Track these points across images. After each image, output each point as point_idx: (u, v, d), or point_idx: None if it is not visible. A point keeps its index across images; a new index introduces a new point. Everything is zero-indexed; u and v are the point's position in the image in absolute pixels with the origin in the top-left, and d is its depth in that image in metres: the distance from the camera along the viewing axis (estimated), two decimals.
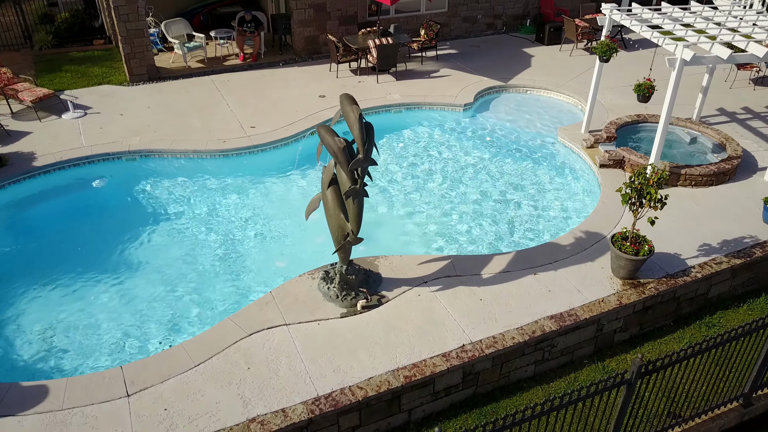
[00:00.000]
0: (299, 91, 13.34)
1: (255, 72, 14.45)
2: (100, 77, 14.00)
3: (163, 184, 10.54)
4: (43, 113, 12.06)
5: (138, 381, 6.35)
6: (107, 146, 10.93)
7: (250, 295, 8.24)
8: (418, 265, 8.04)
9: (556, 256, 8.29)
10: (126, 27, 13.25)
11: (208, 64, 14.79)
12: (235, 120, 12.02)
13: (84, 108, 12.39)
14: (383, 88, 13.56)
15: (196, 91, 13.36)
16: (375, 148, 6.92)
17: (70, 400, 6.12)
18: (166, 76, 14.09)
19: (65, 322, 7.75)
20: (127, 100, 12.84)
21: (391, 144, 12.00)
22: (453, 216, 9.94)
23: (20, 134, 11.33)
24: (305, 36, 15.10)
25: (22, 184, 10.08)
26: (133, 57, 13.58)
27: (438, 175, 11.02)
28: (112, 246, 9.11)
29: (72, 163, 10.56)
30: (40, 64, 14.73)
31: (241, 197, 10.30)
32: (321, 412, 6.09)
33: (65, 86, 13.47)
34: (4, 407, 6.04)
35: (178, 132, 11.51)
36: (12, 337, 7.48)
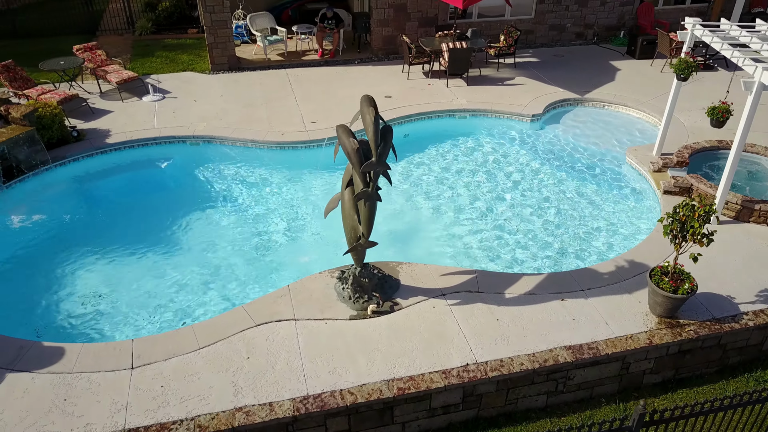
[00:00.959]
0: (367, 89, 13.39)
1: (329, 68, 14.68)
2: (186, 64, 14.78)
3: (220, 169, 10.95)
4: (126, 94, 12.91)
5: (144, 356, 6.63)
6: (175, 129, 11.52)
7: (279, 285, 8.35)
8: (440, 276, 7.82)
9: (590, 283, 7.77)
10: (211, 18, 13.89)
11: (287, 58, 15.20)
12: (298, 114, 12.27)
13: (164, 92, 13.14)
14: (451, 92, 13.33)
15: (270, 83, 13.78)
16: (393, 152, 6.79)
17: (81, 364, 6.50)
18: (245, 67, 14.64)
19: (105, 290, 8.24)
20: (204, 88, 13.47)
21: (448, 149, 11.77)
22: (496, 229, 9.59)
23: (103, 112, 12.19)
24: (383, 36, 15.14)
25: (94, 158, 10.83)
26: (215, 46, 14.22)
27: (490, 184, 10.67)
28: (163, 223, 9.55)
29: (141, 142, 11.22)
30: (137, 49, 15.79)
31: (291, 189, 10.50)
32: (307, 411, 6.07)
33: (153, 71, 14.34)
34: (23, 363, 6.52)
35: (242, 121, 11.92)
36: (54, 299, 8.05)
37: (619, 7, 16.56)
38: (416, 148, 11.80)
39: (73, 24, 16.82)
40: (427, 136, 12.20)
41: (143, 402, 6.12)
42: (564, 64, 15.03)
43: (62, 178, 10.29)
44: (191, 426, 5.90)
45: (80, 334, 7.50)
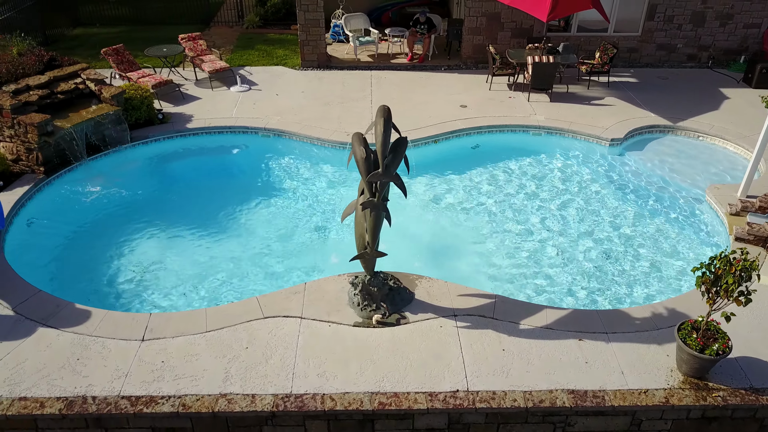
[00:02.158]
0: (445, 97, 13.26)
1: (414, 73, 14.69)
2: (280, 59, 15.45)
3: (284, 163, 11.36)
4: (217, 83, 13.75)
5: (156, 330, 7.07)
6: (250, 120, 12.10)
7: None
8: (457, 296, 7.61)
9: (617, 326, 7.19)
10: (305, 16, 14.40)
11: (376, 60, 15.41)
12: (370, 115, 12.41)
13: (251, 84, 13.84)
14: (531, 107, 12.84)
15: (352, 83, 14.05)
16: (406, 165, 6.69)
17: (100, 329, 7.06)
18: (334, 66, 15.03)
19: (154, 264, 8.86)
20: (289, 83, 14.02)
21: (514, 166, 11.37)
22: (538, 254, 9.15)
23: (192, 99, 13.08)
24: (474, 44, 14.89)
25: (172, 140, 11.65)
26: (307, 44, 14.73)
27: (548, 206, 10.20)
28: (221, 207, 10.05)
29: (217, 129, 11.90)
30: (241, 41, 16.73)
31: (347, 189, 10.66)
32: (285, 409, 6.18)
33: (248, 62, 15.14)
34: (55, 320, 7.20)
35: (314, 118, 12.26)
36: (108, 266, 8.78)
37: (742, 29, 15.06)
38: (481, 161, 11.52)
39: (191, 14, 18.16)
40: (496, 150, 11.87)
41: (142, 373, 6.54)
42: (665, 88, 13.94)
43: (140, 156, 11.18)
44: (176, 403, 6.22)
45: (118, 301, 8.14)
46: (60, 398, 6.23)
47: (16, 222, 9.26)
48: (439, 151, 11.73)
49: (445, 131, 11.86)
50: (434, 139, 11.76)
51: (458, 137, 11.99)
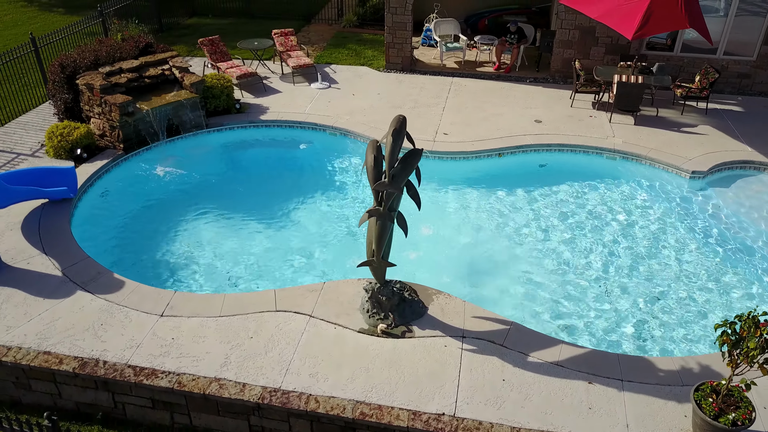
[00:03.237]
0: (521, 111, 12.83)
1: (497, 83, 14.32)
2: (366, 59, 15.67)
3: (345, 163, 11.53)
4: (300, 79, 14.21)
5: (175, 308, 7.48)
6: (319, 117, 12.40)
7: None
8: (471, 317, 7.36)
9: (636, 374, 6.62)
10: (392, 18, 14.50)
11: (462, 67, 15.20)
12: (437, 123, 12.28)
13: (331, 81, 14.17)
14: (611, 128, 12.08)
15: (430, 88, 13.97)
16: (417, 176, 6.56)
17: (128, 300, 7.59)
18: (418, 70, 15.02)
19: (203, 244, 9.36)
20: (369, 83, 14.19)
21: (580, 189, 10.77)
22: (582, 285, 8.63)
23: (273, 92, 13.62)
24: (564, 58, 14.26)
25: (244, 130, 12.20)
26: (392, 46, 14.82)
27: (607, 237, 9.57)
28: (277, 198, 10.40)
29: (288, 124, 12.31)
30: (335, 39, 17.16)
31: None
32: (270, 403, 6.31)
33: (335, 61, 15.50)
34: (93, 285, 7.83)
35: (381, 120, 12.33)
36: (156, 241, 9.41)
37: None
38: (545, 180, 11.03)
39: (295, 10, 18.89)
40: (564, 170, 11.30)
41: (152, 347, 6.95)
42: None
43: (211, 142, 11.83)
44: (173, 380, 6.55)
45: (156, 276, 8.70)
46: (76, 358, 6.78)
47: (90, 192, 10.15)
48: (501, 166, 11.37)
49: (511, 145, 11.48)
50: (498, 153, 11.42)
51: (525, 153, 11.55)
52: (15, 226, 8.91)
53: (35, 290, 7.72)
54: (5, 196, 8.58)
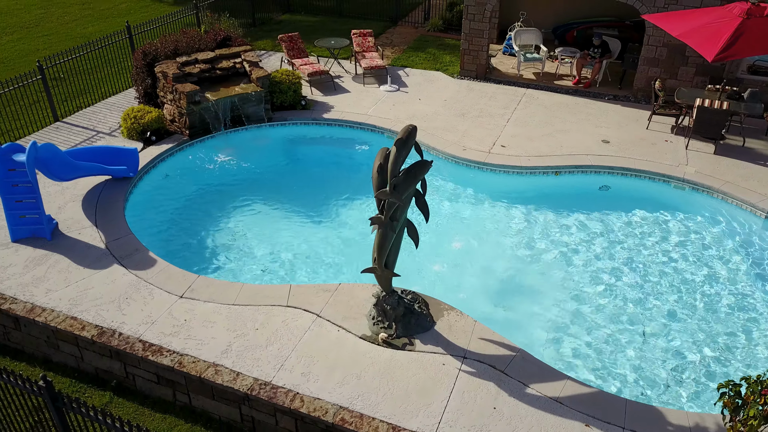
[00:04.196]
0: (591, 128, 12.20)
1: (573, 98, 13.70)
2: (443, 64, 15.52)
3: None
4: (370, 80, 14.34)
5: (195, 291, 7.82)
6: (379, 120, 12.44)
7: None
8: (478, 339, 7.12)
9: (640, 423, 6.12)
10: (470, 25, 14.27)
11: (539, 78, 14.68)
12: (497, 134, 11.95)
13: (401, 85, 14.18)
14: (685, 156, 11.20)
15: (500, 98, 13.61)
16: (423, 189, 6.40)
17: (155, 278, 8.03)
18: (492, 78, 14.68)
19: (246, 232, 9.73)
20: (438, 89, 14.06)
21: (640, 218, 10.09)
22: (617, 324, 8.10)
23: (342, 91, 13.84)
24: (648, 76, 13.37)
25: (307, 126, 12.48)
26: (467, 53, 14.59)
27: (658, 275, 8.91)
28: (328, 197, 10.59)
29: (348, 124, 12.46)
30: (416, 42, 17.15)
31: (442, 204, 10.50)
32: (257, 395, 6.45)
33: (410, 64, 15.48)
34: (128, 260, 8.35)
35: (441, 127, 12.18)
36: (201, 224, 9.88)
37: None
38: (603, 204, 10.44)
39: (383, 12, 19.06)
40: (625, 196, 10.63)
41: (165, 325, 7.32)
42: None
43: (272, 136, 12.22)
44: (175, 359, 6.86)
45: (192, 258, 9.14)
46: (97, 326, 7.28)
47: (152, 172, 10.82)
48: (557, 185, 10.88)
49: (570, 164, 10.96)
50: (555, 171, 10.94)
51: (584, 173, 10.98)
52: (78, 198, 9.68)
53: (78, 259, 8.37)
54: (71, 171, 9.33)
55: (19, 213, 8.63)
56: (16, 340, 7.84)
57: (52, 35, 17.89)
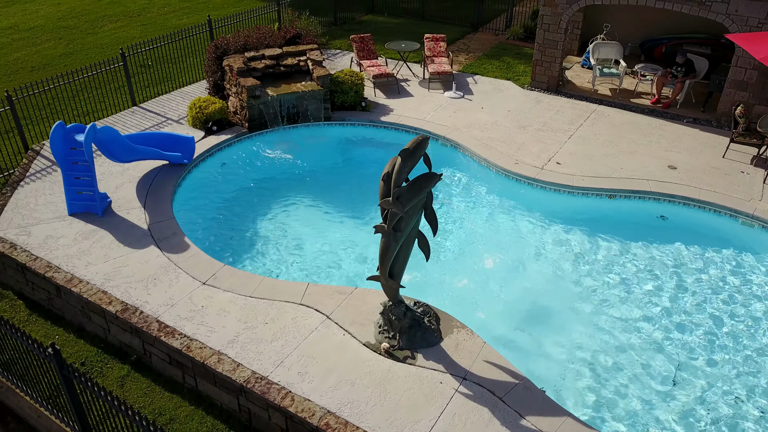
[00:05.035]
0: (658, 152, 11.44)
1: (647, 118, 12.89)
2: (515, 74, 15.10)
3: (446, 176, 11.34)
4: (436, 85, 14.20)
5: (218, 279, 8.09)
6: (436, 126, 12.29)
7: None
8: (483, 361, 6.87)
9: None
10: (544, 35, 13.77)
11: (614, 95, 13.94)
12: (554, 150, 11.47)
13: (467, 92, 13.93)
14: (761, 190, 10.24)
15: (568, 113, 13.05)
16: (427, 203, 6.22)
17: (184, 263, 8.38)
18: (564, 92, 14.11)
19: (280, 226, 9.96)
20: (504, 99, 13.69)
21: (698, 254, 9.35)
22: (644, 365, 7.57)
23: (406, 94, 13.80)
24: (733, 100, 12.33)
25: (363, 128, 12.54)
26: (540, 64, 14.10)
27: (705, 319, 8.25)
28: (372, 199, 10.56)
29: (404, 128, 12.40)
30: (492, 49, 16.79)
31: (485, 216, 10.24)
32: (252, 388, 6.58)
33: (482, 72, 15.18)
34: (164, 243, 8.77)
35: (498, 139, 11.86)
36: (243, 215, 10.19)
37: None
38: (658, 235, 9.78)
39: (465, 17, 18.81)
40: (686, 229, 9.88)
41: (183, 309, 7.62)
42: None
43: (327, 135, 12.39)
44: (184, 343, 7.13)
45: (228, 247, 9.46)
46: (122, 302, 7.71)
47: (208, 161, 11.30)
48: (611, 209, 10.28)
49: (627, 188, 10.33)
50: (609, 194, 10.35)
51: (641, 200, 10.32)
52: (135, 180, 10.29)
53: (121, 237, 8.89)
54: (129, 153, 9.93)
55: (77, 189, 9.30)
56: (57, 307, 8.46)
57: (149, 25, 19.11)
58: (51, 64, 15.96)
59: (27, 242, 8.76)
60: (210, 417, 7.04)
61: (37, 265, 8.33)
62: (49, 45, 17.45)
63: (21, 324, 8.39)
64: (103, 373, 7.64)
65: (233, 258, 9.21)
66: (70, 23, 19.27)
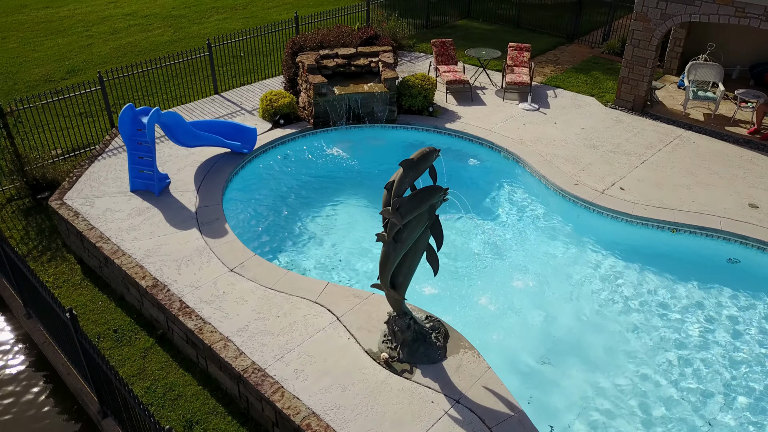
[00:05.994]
0: (741, 188, 10.39)
1: (739, 149, 11.74)
2: (601, 90, 14.30)
3: (504, 190, 10.97)
4: (512, 96, 13.75)
5: (245, 269, 8.33)
6: (501, 138, 11.90)
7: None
8: (482, 387, 6.57)
9: None
10: (633, 51, 12.92)
11: (708, 121, 12.82)
12: (621, 175, 10.74)
13: (543, 105, 13.38)
14: None
15: (648, 136, 12.17)
16: (429, 215, 5.98)
17: (219, 249, 8.70)
18: (651, 113, 13.17)
19: (329, 225, 10.09)
20: (581, 115, 13.00)
21: (765, 309, 8.43)
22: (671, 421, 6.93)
23: (479, 103, 13.48)
24: None
25: (426, 133, 12.39)
26: (626, 82, 13.24)
27: (757, 382, 7.43)
28: None
29: (468, 137, 12.12)
30: (584, 63, 16.00)
31: (529, 236, 9.80)
32: (247, 378, 6.73)
33: (565, 85, 14.51)
34: (205, 227, 9.16)
35: (563, 156, 11.29)
36: (291, 209, 10.43)
37: None
38: (723, 280, 8.91)
39: (561, 27, 18.05)
40: (759, 277, 8.90)
41: (205, 293, 7.93)
42: None
43: (388, 137, 12.36)
44: (198, 325, 7.42)
45: (265, 238, 9.72)
46: (154, 279, 8.16)
47: (270, 152, 11.67)
48: (673, 244, 9.48)
49: (694, 223, 9.47)
50: (672, 227, 9.54)
51: (709, 238, 9.42)
52: (196, 164, 10.84)
53: (169, 217, 9.41)
54: (192, 139, 10.46)
55: (139, 168, 9.95)
56: (105, 275, 9.11)
57: (251, 18, 20.04)
58: (155, 50, 17.19)
59: (89, 212, 9.51)
60: (213, 399, 7.29)
61: (91, 234, 9.01)
62: (158, 32, 18.81)
63: (73, 287, 9.12)
64: (130, 343, 8.14)
65: (267, 248, 9.45)
66: (181, 12, 20.64)
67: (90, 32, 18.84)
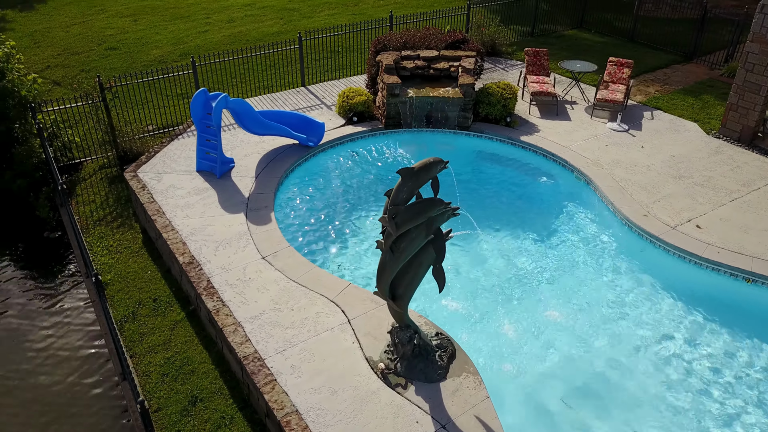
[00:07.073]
0: None
1: None
2: (708, 116, 12.97)
3: (568, 211, 10.30)
4: (600, 113, 12.84)
5: (277, 258, 8.47)
6: (575, 157, 11.15)
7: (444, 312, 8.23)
8: (473, 416, 6.20)
9: None
10: (745, 77, 11.57)
11: None
12: (701, 212, 9.67)
13: (635, 127, 12.38)
14: None
15: (748, 172, 10.87)
16: (428, 228, 5.66)
17: (258, 235, 8.92)
18: (760, 146, 11.75)
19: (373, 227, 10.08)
20: (675, 142, 11.87)
21: None
22: None
23: (564, 117, 12.72)
24: None
25: (499, 144, 11.89)
26: (734, 109, 11.89)
27: None
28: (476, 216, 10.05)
29: (542, 152, 11.48)
30: (696, 85, 14.62)
31: (580, 264, 9.12)
32: (246, 365, 6.85)
33: (667, 108, 13.32)
34: (252, 214, 9.42)
35: (640, 182, 10.38)
36: (341, 206, 10.44)
37: None
38: (757, 330, 7.81)
39: (681, 44, 16.58)
40: None
41: (232, 277, 8.17)
42: None
43: (457, 144, 11.98)
44: (217, 306, 7.66)
45: (305, 231, 9.83)
46: (192, 256, 8.53)
47: (338, 147, 11.78)
48: (746, 295, 8.41)
49: None
50: (747, 277, 8.44)
51: None
52: (262, 152, 11.20)
53: (223, 200, 9.79)
54: (259, 127, 10.82)
55: (206, 150, 10.45)
56: (160, 247, 9.68)
57: (359, 15, 20.36)
58: (262, 40, 17.97)
59: (155, 186, 10.14)
60: (221, 380, 7.50)
61: (150, 207, 9.61)
62: (269, 23, 19.66)
63: (131, 254, 9.78)
64: (165, 314, 8.59)
65: (304, 241, 9.55)
66: (294, 6, 21.43)
67: (209, 19, 20.09)
